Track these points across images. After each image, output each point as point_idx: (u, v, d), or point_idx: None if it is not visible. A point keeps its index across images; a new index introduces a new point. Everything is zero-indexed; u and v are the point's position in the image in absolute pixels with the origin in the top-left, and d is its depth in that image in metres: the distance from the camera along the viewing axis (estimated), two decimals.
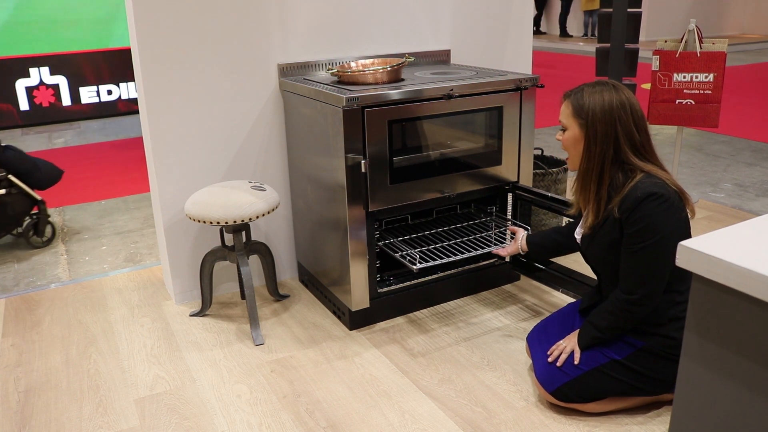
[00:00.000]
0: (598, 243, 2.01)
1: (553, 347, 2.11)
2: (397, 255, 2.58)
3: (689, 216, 1.92)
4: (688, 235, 1.88)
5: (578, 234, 2.15)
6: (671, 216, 1.84)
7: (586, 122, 1.92)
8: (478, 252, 2.64)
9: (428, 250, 2.66)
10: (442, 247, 2.70)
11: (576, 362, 2.03)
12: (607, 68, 3.82)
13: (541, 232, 2.48)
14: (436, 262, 2.56)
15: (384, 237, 2.77)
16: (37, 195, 3.63)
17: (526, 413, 2.10)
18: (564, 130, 2.01)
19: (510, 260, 2.92)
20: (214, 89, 2.75)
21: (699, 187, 4.43)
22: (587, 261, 2.15)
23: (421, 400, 2.18)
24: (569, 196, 2.24)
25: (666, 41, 3.73)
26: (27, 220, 3.65)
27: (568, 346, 2.07)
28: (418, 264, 2.48)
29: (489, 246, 2.68)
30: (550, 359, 2.08)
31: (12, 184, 3.52)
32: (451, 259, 2.58)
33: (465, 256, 2.61)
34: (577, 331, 2.09)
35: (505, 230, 2.80)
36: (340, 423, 2.08)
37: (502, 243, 2.73)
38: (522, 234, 2.50)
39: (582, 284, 2.55)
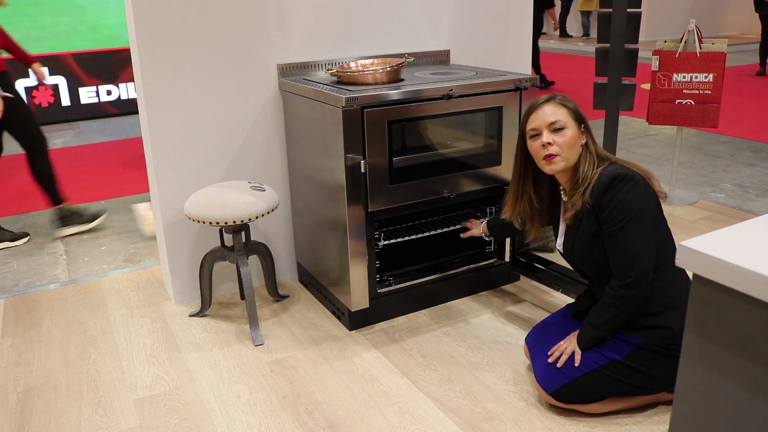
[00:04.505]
0: (580, 242, 2.06)
1: (554, 348, 2.11)
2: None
3: (659, 198, 1.99)
4: (660, 211, 1.99)
5: (560, 245, 2.20)
6: (640, 193, 1.92)
7: (581, 117, 2.05)
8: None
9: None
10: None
11: (576, 364, 2.03)
12: (607, 68, 3.81)
13: (495, 218, 2.65)
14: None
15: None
16: None
17: (526, 413, 2.09)
18: (560, 129, 2.01)
19: (510, 260, 2.92)
20: (214, 89, 2.75)
21: (699, 187, 4.43)
22: (575, 267, 2.21)
23: (421, 401, 2.18)
24: (504, 211, 2.29)
25: (666, 41, 3.73)
26: None
27: (568, 347, 2.07)
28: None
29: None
30: (550, 360, 2.08)
31: None
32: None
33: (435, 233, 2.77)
34: (577, 332, 2.10)
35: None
36: (340, 423, 2.08)
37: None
38: (479, 222, 2.70)
39: (582, 285, 2.55)
